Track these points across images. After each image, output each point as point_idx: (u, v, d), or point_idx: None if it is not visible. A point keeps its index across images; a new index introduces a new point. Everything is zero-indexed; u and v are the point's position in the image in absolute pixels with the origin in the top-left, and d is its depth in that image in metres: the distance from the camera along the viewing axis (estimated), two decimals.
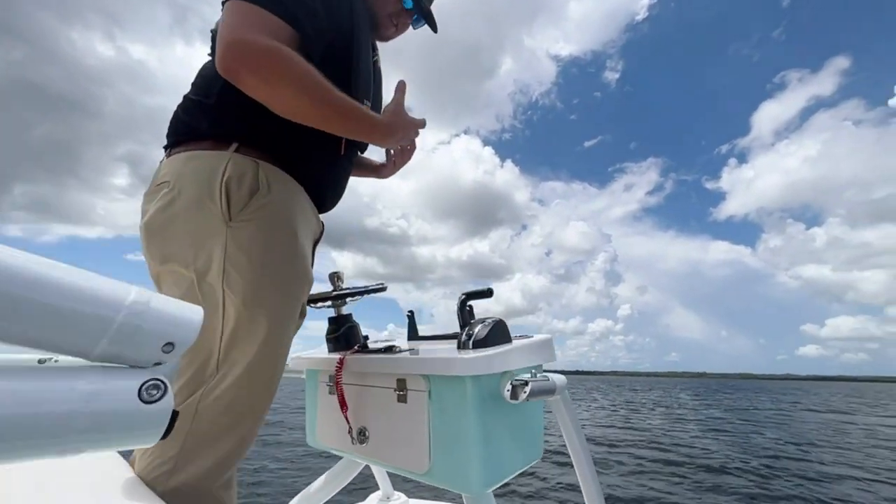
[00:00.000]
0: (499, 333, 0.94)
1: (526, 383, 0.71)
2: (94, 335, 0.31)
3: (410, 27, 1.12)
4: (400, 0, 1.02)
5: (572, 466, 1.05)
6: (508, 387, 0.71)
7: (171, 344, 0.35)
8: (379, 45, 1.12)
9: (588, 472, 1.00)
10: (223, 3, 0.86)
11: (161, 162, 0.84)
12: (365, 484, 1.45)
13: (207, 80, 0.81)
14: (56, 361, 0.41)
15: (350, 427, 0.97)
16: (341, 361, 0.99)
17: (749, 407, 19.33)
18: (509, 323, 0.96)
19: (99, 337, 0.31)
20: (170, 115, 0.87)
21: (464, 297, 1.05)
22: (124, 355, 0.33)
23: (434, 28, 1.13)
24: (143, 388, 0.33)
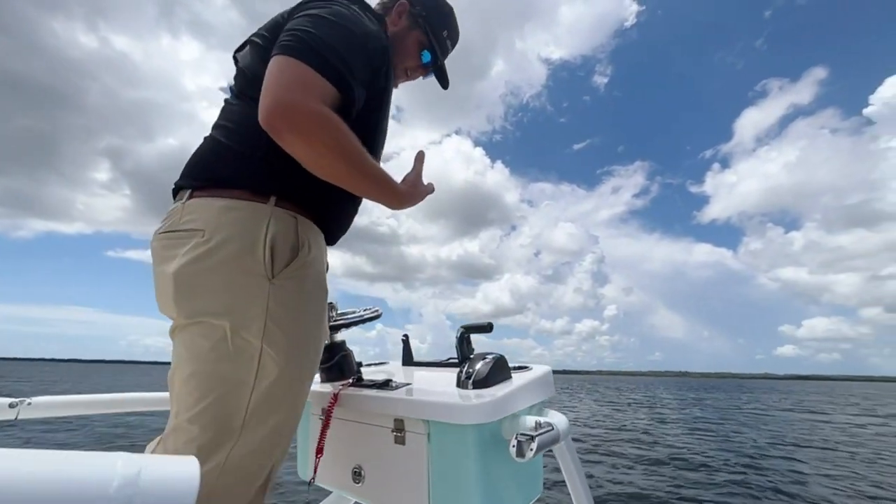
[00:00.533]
0: (499, 371, 0.92)
1: (532, 438, 0.69)
2: None
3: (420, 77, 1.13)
4: (420, 56, 1.06)
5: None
6: (514, 443, 0.69)
7: None
8: None
9: None
10: (258, 47, 0.82)
11: (183, 203, 0.78)
12: None
13: (248, 131, 0.77)
14: None
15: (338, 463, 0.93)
16: (335, 397, 0.96)
17: (729, 406, 19.83)
18: (498, 323, 0.97)
19: None
20: (155, 109, 0.82)
21: (463, 330, 1.03)
22: None
23: (445, 84, 1.14)
24: None
